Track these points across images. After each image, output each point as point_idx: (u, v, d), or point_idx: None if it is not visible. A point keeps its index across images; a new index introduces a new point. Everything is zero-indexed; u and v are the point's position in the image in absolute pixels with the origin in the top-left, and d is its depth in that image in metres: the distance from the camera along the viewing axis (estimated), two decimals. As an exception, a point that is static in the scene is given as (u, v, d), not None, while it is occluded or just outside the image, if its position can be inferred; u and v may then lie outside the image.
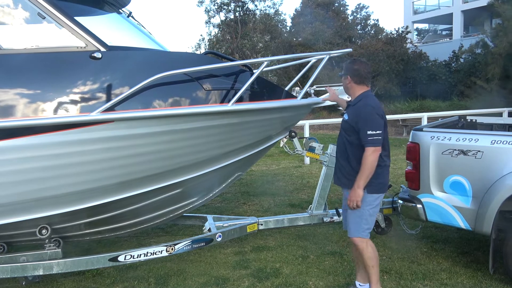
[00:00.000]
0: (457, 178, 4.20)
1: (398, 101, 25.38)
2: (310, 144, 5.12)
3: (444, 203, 4.30)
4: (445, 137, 4.31)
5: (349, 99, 4.08)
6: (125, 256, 4.11)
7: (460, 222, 4.21)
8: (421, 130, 4.55)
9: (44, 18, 3.72)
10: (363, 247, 3.73)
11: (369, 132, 3.53)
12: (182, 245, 4.34)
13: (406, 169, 4.65)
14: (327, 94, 4.68)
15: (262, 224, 5.07)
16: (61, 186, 3.78)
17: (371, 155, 3.54)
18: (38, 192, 3.75)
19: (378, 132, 3.55)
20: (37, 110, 3.55)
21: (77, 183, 3.81)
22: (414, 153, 4.49)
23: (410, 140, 4.62)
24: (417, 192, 4.50)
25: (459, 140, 4.20)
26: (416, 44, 31.77)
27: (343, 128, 3.83)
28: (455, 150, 4.19)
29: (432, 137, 4.39)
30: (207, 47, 36.06)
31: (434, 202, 4.37)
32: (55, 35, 3.76)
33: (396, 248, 4.98)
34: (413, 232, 5.09)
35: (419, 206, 4.47)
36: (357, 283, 4.02)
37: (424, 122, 12.94)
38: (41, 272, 3.94)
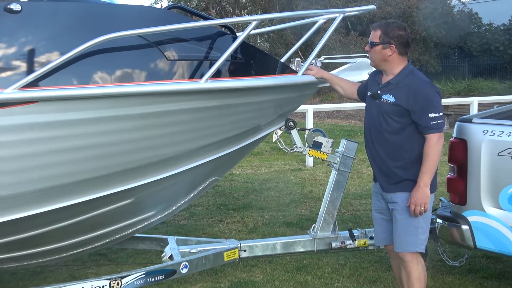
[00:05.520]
0: (518, 190, 4.25)
1: (438, 80, 25.58)
2: (314, 139, 5.12)
3: (499, 224, 4.34)
4: (503, 132, 4.34)
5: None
6: (51, 293, 4.09)
7: (522, 251, 4.26)
8: (469, 121, 4.58)
9: None
10: (413, 265, 4.03)
11: (431, 115, 3.86)
12: (132, 279, 4.33)
13: (448, 175, 4.68)
14: (314, 71, 4.56)
15: (245, 250, 5.08)
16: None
17: (437, 144, 3.88)
18: None
19: (440, 114, 3.90)
20: None
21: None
22: (459, 154, 4.52)
23: (454, 135, 4.66)
24: (462, 208, 4.55)
25: (523, 136, 4.25)
26: (464, 1, 31.98)
27: (386, 113, 4.02)
28: (517, 150, 4.24)
29: (485, 131, 4.42)
30: (172, -1, 35.94)
31: (486, 222, 4.41)
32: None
33: (433, 285, 5.02)
34: (456, 264, 5.14)
35: (465, 227, 4.51)
36: None
37: (474, 110, 13.05)
38: None
